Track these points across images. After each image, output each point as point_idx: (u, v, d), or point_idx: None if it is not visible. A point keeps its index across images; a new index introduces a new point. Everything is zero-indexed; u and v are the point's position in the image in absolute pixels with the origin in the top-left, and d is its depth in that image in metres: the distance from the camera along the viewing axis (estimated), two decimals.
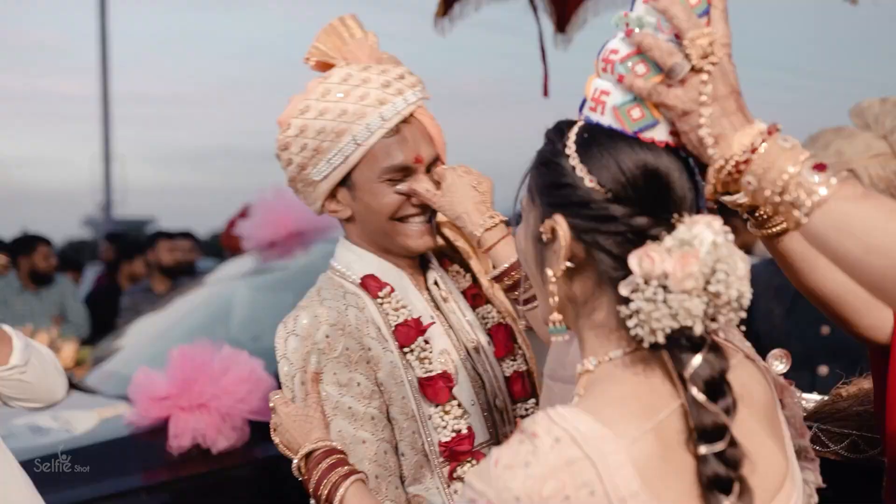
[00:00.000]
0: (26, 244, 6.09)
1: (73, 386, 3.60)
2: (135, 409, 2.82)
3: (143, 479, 2.68)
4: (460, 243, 1.85)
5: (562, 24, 3.43)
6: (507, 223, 1.67)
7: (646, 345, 1.00)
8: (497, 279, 1.67)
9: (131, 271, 7.04)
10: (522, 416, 1.71)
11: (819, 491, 1.29)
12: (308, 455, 1.56)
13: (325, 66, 1.69)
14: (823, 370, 2.41)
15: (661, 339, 0.98)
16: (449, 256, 1.83)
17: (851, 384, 1.85)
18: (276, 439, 1.63)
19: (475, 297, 1.79)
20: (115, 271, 7.76)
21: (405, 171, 1.64)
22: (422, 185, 1.65)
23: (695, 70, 1.02)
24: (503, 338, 1.74)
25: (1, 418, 2.39)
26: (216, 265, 6.05)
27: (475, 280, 1.82)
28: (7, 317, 5.72)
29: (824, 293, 1.39)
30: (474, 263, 1.83)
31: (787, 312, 2.39)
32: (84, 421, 3.04)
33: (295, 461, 1.57)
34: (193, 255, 6.89)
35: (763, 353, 2.29)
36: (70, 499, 2.52)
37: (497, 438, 1.68)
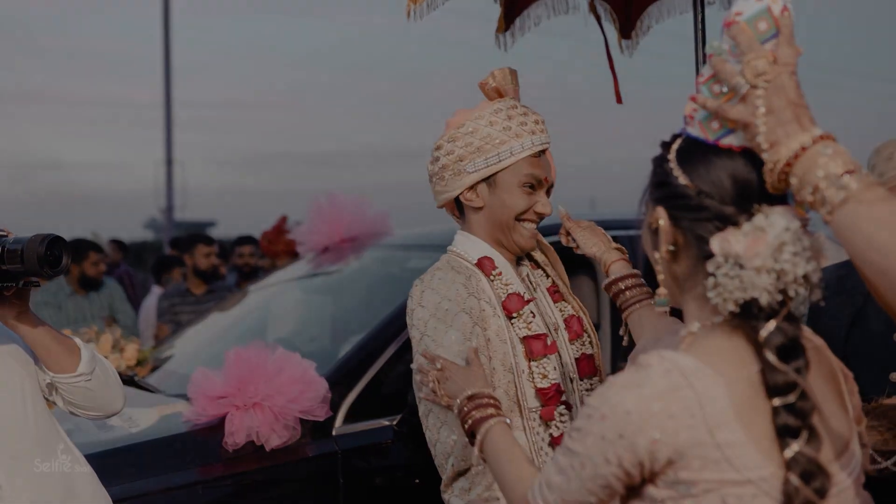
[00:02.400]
0: (77, 250, 6.16)
1: (136, 384, 3.73)
2: (193, 408, 2.90)
3: (199, 474, 2.76)
4: (538, 255, 2.28)
5: (626, 30, 3.44)
6: (623, 252, 2.08)
7: (724, 313, 1.18)
8: (607, 287, 2.05)
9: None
10: (587, 391, 2.14)
11: None
12: (470, 397, 1.78)
13: (495, 92, 2.14)
14: (895, 376, 2.41)
15: (732, 307, 1.17)
16: (534, 262, 2.28)
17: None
18: (440, 390, 1.86)
19: (554, 293, 2.23)
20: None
21: (538, 184, 2.11)
22: (545, 202, 2.12)
23: (752, 87, 1.19)
24: (575, 325, 2.19)
25: (69, 413, 2.49)
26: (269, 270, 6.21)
27: (553, 283, 2.25)
28: (61, 320, 5.89)
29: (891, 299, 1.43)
30: (550, 270, 2.27)
31: (855, 314, 2.38)
32: (146, 418, 3.15)
33: (458, 401, 1.79)
34: (256, 260, 7.08)
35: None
36: (132, 491, 2.61)
37: (566, 404, 2.06)
